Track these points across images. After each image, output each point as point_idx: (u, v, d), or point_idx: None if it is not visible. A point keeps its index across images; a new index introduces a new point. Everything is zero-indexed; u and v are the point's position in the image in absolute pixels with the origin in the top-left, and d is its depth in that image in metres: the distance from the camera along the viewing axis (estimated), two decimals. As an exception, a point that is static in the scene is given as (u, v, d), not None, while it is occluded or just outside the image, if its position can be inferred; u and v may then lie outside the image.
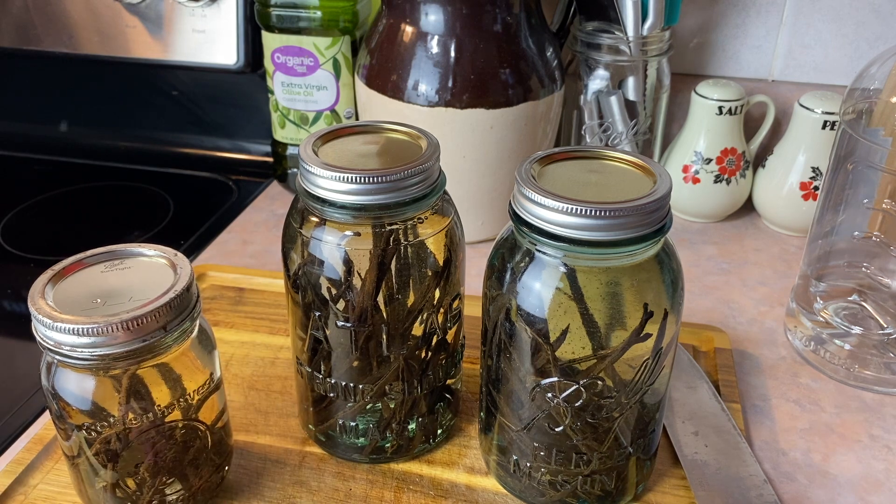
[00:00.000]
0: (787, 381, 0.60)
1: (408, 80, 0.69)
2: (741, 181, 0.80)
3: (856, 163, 0.57)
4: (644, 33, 0.74)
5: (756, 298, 0.70)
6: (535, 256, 0.41)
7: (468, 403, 0.56)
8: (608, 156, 0.44)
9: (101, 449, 0.43)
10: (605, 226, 0.38)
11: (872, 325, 0.61)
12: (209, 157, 0.98)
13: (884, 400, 0.58)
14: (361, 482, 0.50)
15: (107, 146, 1.00)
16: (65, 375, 0.42)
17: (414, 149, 0.46)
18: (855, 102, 0.57)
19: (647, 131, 0.82)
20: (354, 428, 0.50)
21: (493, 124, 0.70)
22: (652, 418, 0.46)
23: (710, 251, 0.78)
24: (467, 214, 0.59)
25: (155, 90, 0.97)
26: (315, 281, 0.45)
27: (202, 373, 0.45)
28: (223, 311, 0.66)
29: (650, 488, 0.50)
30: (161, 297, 0.41)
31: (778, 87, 0.84)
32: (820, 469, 0.52)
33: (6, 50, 0.92)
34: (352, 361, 0.48)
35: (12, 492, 0.49)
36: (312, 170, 0.43)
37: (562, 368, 0.42)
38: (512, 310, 0.42)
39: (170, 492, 0.45)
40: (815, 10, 0.80)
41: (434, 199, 0.45)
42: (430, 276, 0.47)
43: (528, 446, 0.46)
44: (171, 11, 0.84)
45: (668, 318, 0.41)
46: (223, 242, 0.79)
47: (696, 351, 0.61)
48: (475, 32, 0.68)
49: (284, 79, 0.80)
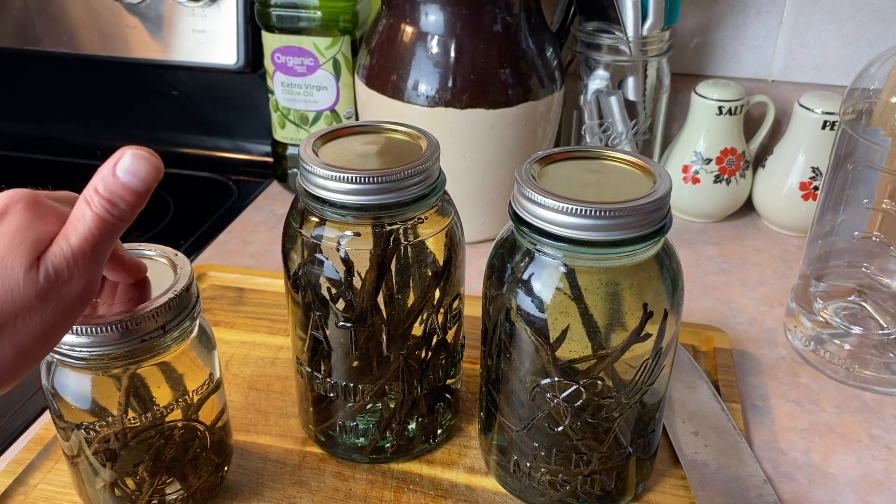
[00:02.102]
0: (787, 381, 0.60)
1: (408, 80, 0.69)
2: (741, 181, 0.80)
3: (856, 163, 0.57)
4: (644, 33, 0.74)
5: (756, 298, 0.70)
6: (535, 256, 0.41)
7: (468, 403, 0.56)
8: (608, 156, 0.44)
9: (99, 448, 0.43)
10: (604, 226, 0.38)
11: (872, 325, 0.61)
12: (209, 157, 0.98)
13: (884, 400, 0.58)
14: (361, 482, 0.50)
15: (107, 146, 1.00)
16: (64, 375, 0.42)
17: (414, 149, 0.46)
18: (855, 102, 0.57)
19: (647, 131, 0.82)
20: (354, 428, 0.50)
21: (493, 124, 0.70)
22: (652, 418, 0.46)
23: (710, 251, 0.78)
24: (467, 214, 0.59)
25: (155, 90, 0.97)
26: (315, 281, 0.45)
27: (202, 372, 0.45)
28: (223, 311, 0.66)
29: (650, 488, 0.50)
30: (160, 296, 0.41)
31: (778, 87, 0.84)
32: (820, 469, 0.52)
33: (6, 50, 0.92)
34: (352, 361, 0.48)
35: (12, 492, 0.49)
36: (312, 170, 0.43)
37: (562, 368, 0.42)
38: (512, 310, 0.42)
39: (169, 491, 0.45)
40: (815, 10, 0.80)
41: (434, 199, 0.45)
42: (430, 276, 0.47)
43: (528, 446, 0.46)
44: (171, 11, 0.84)
45: (667, 318, 0.41)
46: (223, 242, 0.79)
47: (696, 351, 0.61)
48: (475, 32, 0.68)
49: (284, 79, 0.80)
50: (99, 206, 0.33)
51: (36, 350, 0.32)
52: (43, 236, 0.32)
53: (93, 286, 0.34)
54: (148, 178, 0.34)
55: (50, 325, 0.32)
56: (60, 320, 0.32)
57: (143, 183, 0.34)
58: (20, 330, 0.31)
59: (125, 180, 0.33)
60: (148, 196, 0.34)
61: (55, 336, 0.33)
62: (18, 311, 0.31)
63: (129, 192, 0.33)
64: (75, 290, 0.33)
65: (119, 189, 0.33)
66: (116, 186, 0.33)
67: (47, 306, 0.32)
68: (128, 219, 0.34)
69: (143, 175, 0.34)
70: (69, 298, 0.32)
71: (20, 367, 0.32)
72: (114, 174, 0.33)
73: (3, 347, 0.31)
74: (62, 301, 0.32)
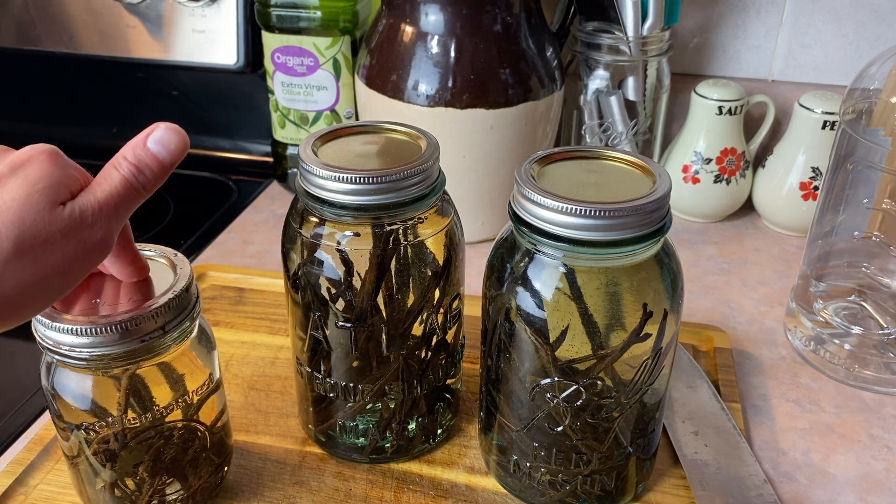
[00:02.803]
0: (787, 381, 0.60)
1: (408, 80, 0.69)
2: (741, 181, 0.80)
3: (856, 163, 0.57)
4: (644, 33, 0.74)
5: (756, 298, 0.70)
6: (535, 256, 0.41)
7: (468, 403, 0.56)
8: (608, 156, 0.44)
9: (99, 449, 0.43)
10: (604, 226, 0.38)
11: (872, 325, 0.61)
12: (209, 157, 0.98)
13: (884, 400, 0.58)
14: (361, 482, 0.50)
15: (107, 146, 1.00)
16: (64, 375, 0.42)
17: (414, 149, 0.46)
18: (855, 102, 0.57)
19: (647, 131, 0.82)
20: (354, 428, 0.50)
21: (493, 124, 0.70)
22: (652, 418, 0.46)
23: (710, 251, 0.78)
24: (467, 214, 0.59)
25: (155, 90, 0.97)
26: (315, 281, 0.45)
27: (202, 373, 0.45)
28: (223, 311, 0.66)
29: (650, 488, 0.50)
30: (160, 297, 0.41)
31: (778, 87, 0.84)
32: (820, 469, 0.52)
33: (6, 50, 0.92)
34: (351, 361, 0.48)
35: (12, 492, 0.49)
36: (312, 170, 0.43)
37: (561, 368, 0.42)
38: (512, 310, 0.42)
39: (169, 492, 0.45)
40: (815, 10, 0.80)
41: (434, 199, 0.45)
42: (430, 276, 0.47)
43: (528, 446, 0.46)
44: (171, 11, 0.84)
45: (667, 318, 0.41)
46: (223, 242, 0.79)
47: (696, 351, 0.61)
48: (475, 32, 0.68)
49: (284, 79, 0.80)
50: (126, 170, 0.36)
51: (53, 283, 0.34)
52: (64, 181, 0.35)
53: (110, 239, 0.36)
54: (176, 150, 0.37)
55: (68, 262, 0.34)
56: (77, 262, 0.35)
57: (170, 155, 0.37)
58: (41, 260, 0.33)
59: (154, 150, 0.36)
60: (171, 169, 0.37)
61: (70, 277, 0.35)
62: (43, 241, 0.33)
63: (155, 162, 0.36)
64: (95, 237, 0.35)
65: (147, 157, 0.36)
66: (145, 154, 0.36)
67: (68, 243, 0.34)
68: (150, 188, 0.37)
69: (171, 147, 0.37)
70: (88, 243, 0.35)
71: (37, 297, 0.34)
72: (144, 144, 0.36)
73: (26, 270, 0.33)
74: (82, 243, 0.34)
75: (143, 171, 0.36)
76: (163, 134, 0.37)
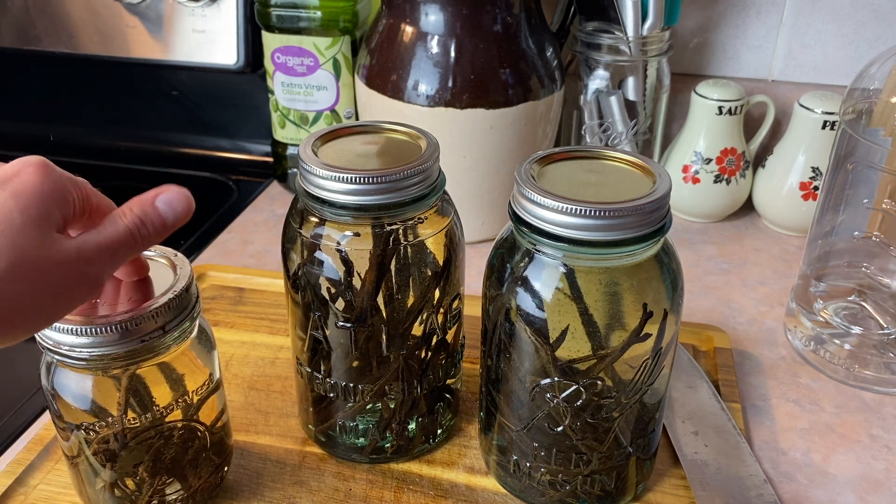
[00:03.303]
0: (787, 381, 0.60)
1: (408, 80, 0.69)
2: (741, 181, 0.80)
3: (856, 163, 0.57)
4: (644, 33, 0.74)
5: (756, 298, 0.70)
6: (535, 256, 0.41)
7: (468, 403, 0.56)
8: (608, 156, 0.44)
9: (99, 449, 0.43)
10: (604, 226, 0.38)
11: (872, 325, 0.61)
12: (209, 157, 0.98)
13: (883, 400, 0.58)
14: (361, 482, 0.50)
15: (107, 146, 1.00)
16: (64, 375, 0.42)
17: (414, 149, 0.46)
18: (855, 102, 0.57)
19: (647, 131, 0.82)
20: (354, 428, 0.50)
21: (493, 124, 0.70)
22: (652, 418, 0.46)
23: (710, 251, 0.78)
24: (467, 214, 0.59)
25: (155, 90, 0.97)
26: (315, 281, 0.45)
27: (202, 373, 0.45)
28: (223, 311, 0.66)
29: (650, 488, 0.50)
30: (160, 297, 0.41)
31: (778, 87, 0.84)
32: (820, 469, 0.52)
33: (6, 50, 0.92)
34: (351, 361, 0.48)
35: (12, 492, 0.49)
36: (312, 170, 0.43)
37: (561, 368, 0.42)
38: (512, 310, 0.42)
39: (169, 492, 0.45)
40: (815, 10, 0.80)
41: (434, 199, 0.45)
42: (430, 276, 0.47)
43: (528, 446, 0.46)
44: (171, 11, 0.84)
45: (667, 318, 0.41)
46: (223, 242, 0.79)
47: (696, 351, 0.61)
48: (475, 32, 0.68)
49: (284, 79, 0.80)
50: (131, 221, 0.37)
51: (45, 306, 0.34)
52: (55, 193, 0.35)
53: (102, 278, 0.37)
54: (180, 213, 0.39)
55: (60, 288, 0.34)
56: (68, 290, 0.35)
57: (174, 216, 0.39)
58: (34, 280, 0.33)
59: (161, 209, 0.38)
60: (173, 229, 0.39)
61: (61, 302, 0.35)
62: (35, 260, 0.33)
63: (159, 220, 0.38)
64: (90, 272, 0.36)
65: (153, 214, 0.38)
66: (152, 211, 0.38)
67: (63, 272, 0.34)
68: (149, 242, 0.38)
69: (177, 210, 0.39)
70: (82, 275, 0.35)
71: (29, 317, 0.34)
72: (152, 202, 0.38)
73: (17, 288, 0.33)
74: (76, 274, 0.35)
75: (146, 225, 0.38)
76: (171, 196, 0.38)
